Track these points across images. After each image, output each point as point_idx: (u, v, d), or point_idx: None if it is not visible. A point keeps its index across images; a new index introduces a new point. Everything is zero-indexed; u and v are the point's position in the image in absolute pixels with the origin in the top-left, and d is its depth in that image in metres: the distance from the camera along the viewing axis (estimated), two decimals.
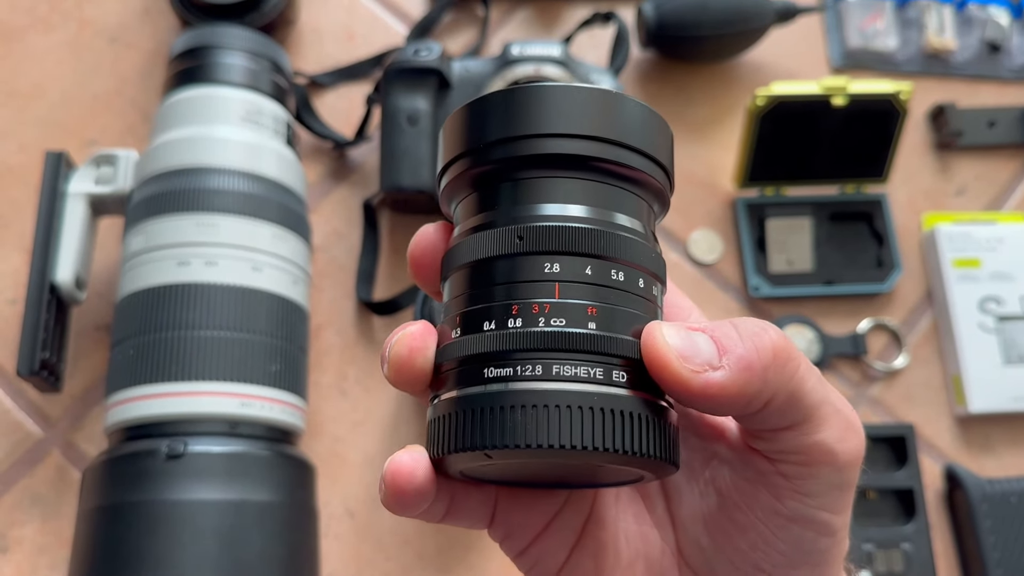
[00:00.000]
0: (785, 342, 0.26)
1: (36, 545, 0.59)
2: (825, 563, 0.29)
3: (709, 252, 0.69)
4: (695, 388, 0.24)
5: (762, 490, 0.28)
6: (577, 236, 0.26)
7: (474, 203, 0.28)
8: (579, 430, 0.24)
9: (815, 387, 0.26)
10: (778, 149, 0.68)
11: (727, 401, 0.25)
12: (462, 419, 0.25)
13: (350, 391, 0.64)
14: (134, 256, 0.55)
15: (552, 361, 0.25)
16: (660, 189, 0.28)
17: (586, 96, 0.27)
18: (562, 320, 0.25)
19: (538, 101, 0.27)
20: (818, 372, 0.27)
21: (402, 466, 0.26)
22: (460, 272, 0.27)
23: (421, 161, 0.63)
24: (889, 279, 0.69)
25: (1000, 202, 0.74)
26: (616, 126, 0.27)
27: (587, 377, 0.25)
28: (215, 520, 0.48)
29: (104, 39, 0.72)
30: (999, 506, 0.63)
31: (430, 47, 0.64)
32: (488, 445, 0.24)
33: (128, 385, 0.52)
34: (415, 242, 0.29)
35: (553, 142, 0.26)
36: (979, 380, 0.66)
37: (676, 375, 0.25)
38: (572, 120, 0.26)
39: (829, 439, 0.26)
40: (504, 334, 0.25)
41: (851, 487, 0.28)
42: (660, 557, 0.31)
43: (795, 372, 0.25)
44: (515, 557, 0.32)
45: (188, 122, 0.58)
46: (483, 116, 0.27)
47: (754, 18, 0.70)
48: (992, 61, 0.77)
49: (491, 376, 0.25)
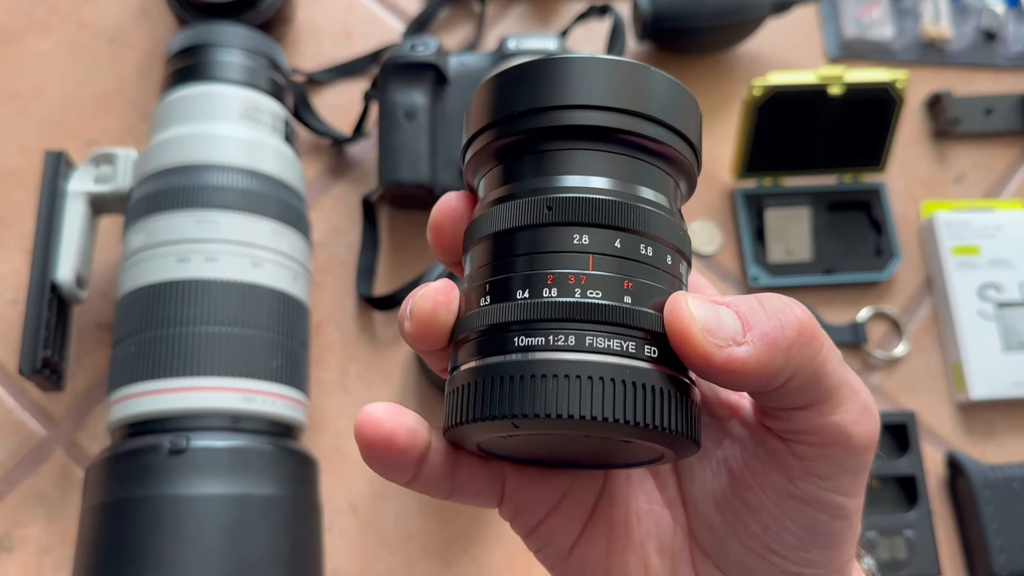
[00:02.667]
0: (810, 319, 0.25)
1: (41, 544, 0.59)
2: (838, 546, 0.28)
3: (708, 243, 0.70)
4: (717, 362, 0.24)
5: (775, 471, 0.28)
6: (606, 208, 0.25)
7: (499, 175, 0.28)
8: (611, 402, 0.24)
9: (836, 368, 0.26)
10: (776, 139, 0.68)
11: (749, 377, 0.24)
12: (489, 387, 0.25)
13: (352, 387, 0.64)
14: (134, 254, 0.55)
15: (586, 332, 0.24)
16: (687, 165, 0.28)
17: (614, 68, 0.26)
18: (598, 292, 0.25)
19: (564, 72, 0.26)
20: (839, 353, 0.26)
21: (369, 416, 0.26)
22: (486, 242, 0.27)
23: (419, 156, 0.63)
24: (888, 268, 0.69)
25: (998, 189, 0.74)
26: (644, 99, 0.26)
27: (620, 350, 0.24)
28: (218, 515, 0.48)
29: (102, 40, 0.72)
30: (1001, 492, 0.63)
31: (427, 42, 0.64)
32: (518, 414, 0.24)
33: (130, 382, 0.52)
34: (437, 209, 0.29)
35: (579, 113, 0.26)
36: (979, 367, 0.66)
37: (699, 348, 0.24)
38: (598, 91, 0.26)
39: (844, 421, 0.26)
40: (539, 303, 0.25)
41: (865, 471, 0.27)
42: (672, 537, 0.31)
43: (819, 351, 0.25)
44: (526, 536, 0.31)
45: (186, 120, 0.58)
46: (509, 87, 0.27)
47: (750, 9, 0.70)
48: (988, 49, 0.77)
49: (521, 344, 0.25)
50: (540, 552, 0.32)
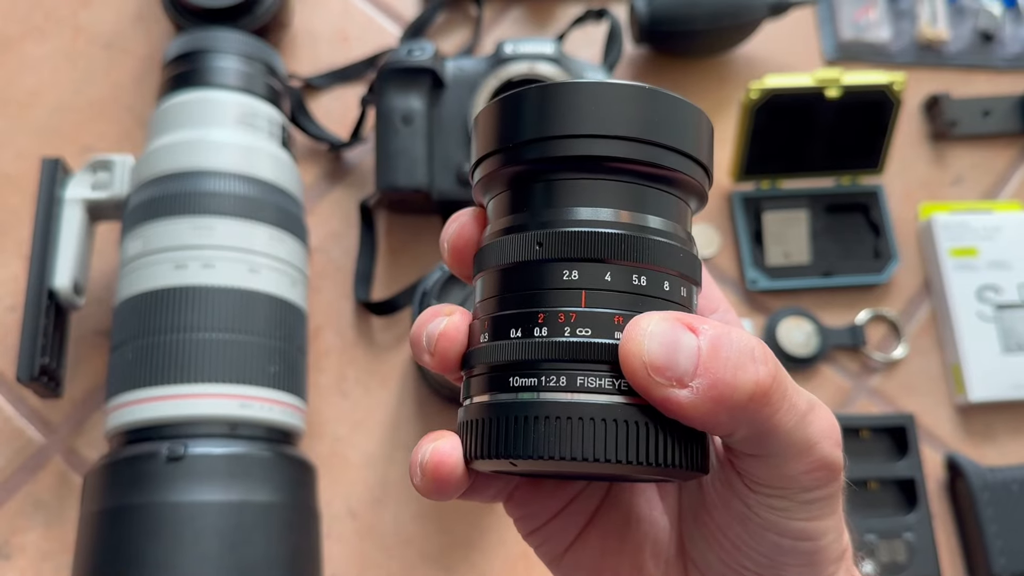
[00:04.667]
0: (771, 382, 0.24)
1: (39, 551, 0.59)
2: (814, 564, 0.28)
3: (706, 246, 0.69)
4: (655, 398, 0.24)
5: (733, 497, 0.27)
6: (594, 241, 0.25)
7: (506, 202, 0.28)
8: (603, 442, 0.24)
9: (789, 426, 0.25)
10: (773, 142, 0.68)
11: (686, 420, 0.24)
12: (489, 427, 0.25)
13: (350, 391, 0.64)
14: (131, 260, 0.55)
15: (577, 372, 0.24)
16: (698, 187, 0.27)
17: (622, 94, 0.26)
18: (588, 330, 0.25)
19: (572, 99, 0.26)
20: (803, 406, 0.25)
21: (446, 456, 0.26)
22: (488, 274, 0.27)
23: (416, 160, 0.63)
24: (886, 270, 0.69)
25: (996, 191, 0.74)
26: (652, 126, 0.26)
27: (611, 389, 0.24)
28: (217, 521, 0.48)
29: (98, 46, 0.72)
30: (1001, 494, 0.63)
31: (423, 47, 0.64)
32: (513, 454, 0.25)
33: (128, 389, 0.52)
34: (450, 231, 0.29)
35: (587, 144, 0.25)
36: (978, 369, 0.66)
37: (639, 381, 0.24)
38: (608, 120, 0.25)
39: (795, 471, 0.25)
40: (530, 343, 0.25)
41: (828, 500, 0.26)
42: (667, 544, 0.31)
43: (772, 415, 0.24)
44: (526, 535, 0.32)
45: (183, 126, 0.58)
46: (517, 112, 0.27)
47: (746, 12, 0.70)
48: (985, 51, 0.77)
49: (515, 385, 0.25)
50: (538, 549, 0.32)
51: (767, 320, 0.68)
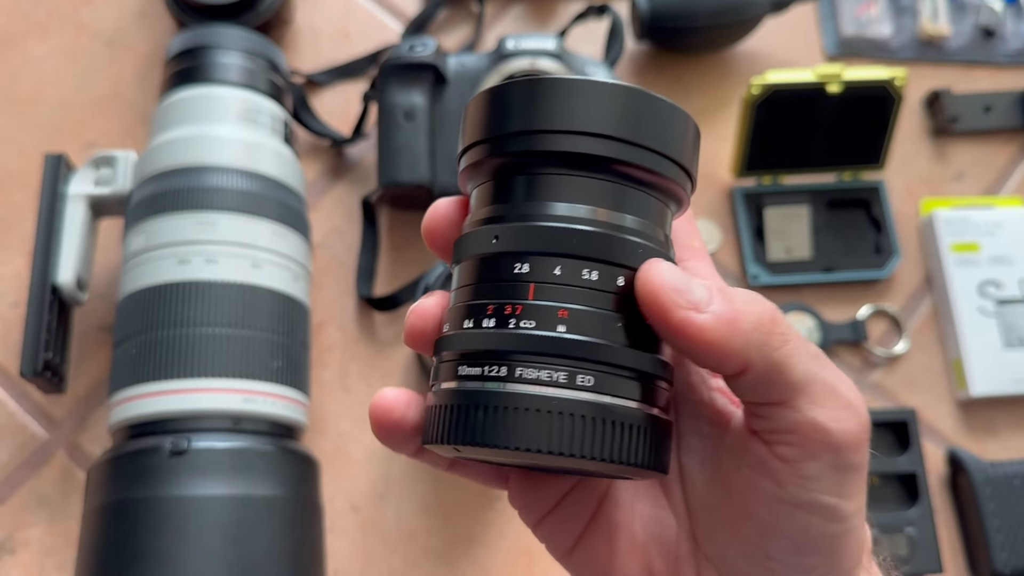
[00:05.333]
0: (774, 314, 0.26)
1: (43, 546, 0.59)
2: (836, 551, 0.28)
3: (708, 242, 0.70)
4: (674, 321, 0.25)
5: (763, 477, 0.28)
6: (547, 235, 0.25)
7: (486, 193, 0.28)
8: (530, 432, 0.24)
9: (804, 363, 0.26)
10: (774, 138, 0.68)
11: (703, 348, 0.25)
12: (437, 413, 0.26)
13: (353, 387, 0.64)
14: (134, 256, 0.55)
15: (516, 364, 0.25)
16: (680, 192, 0.28)
17: (608, 92, 0.26)
18: (532, 323, 0.25)
19: (558, 95, 0.26)
20: (816, 352, 0.26)
21: (385, 406, 0.29)
22: (457, 267, 0.28)
23: (418, 156, 0.63)
24: (888, 265, 0.69)
25: (998, 186, 0.74)
26: (635, 126, 0.26)
27: (549, 380, 0.25)
28: (220, 515, 0.48)
29: (101, 42, 0.72)
30: (1002, 489, 0.63)
31: (425, 43, 0.64)
32: (452, 440, 0.25)
33: (131, 384, 0.52)
34: (428, 216, 0.30)
35: (570, 140, 0.26)
36: (980, 364, 0.66)
37: (662, 302, 0.25)
38: (592, 118, 0.26)
39: (822, 417, 0.26)
40: (476, 334, 0.26)
41: (856, 470, 0.27)
42: (676, 542, 0.31)
43: (780, 344, 0.25)
44: (533, 529, 0.32)
45: (186, 122, 0.58)
46: (503, 105, 0.27)
47: (748, 8, 0.70)
48: (986, 46, 0.77)
49: (461, 374, 0.26)
50: (547, 545, 0.32)
51: None
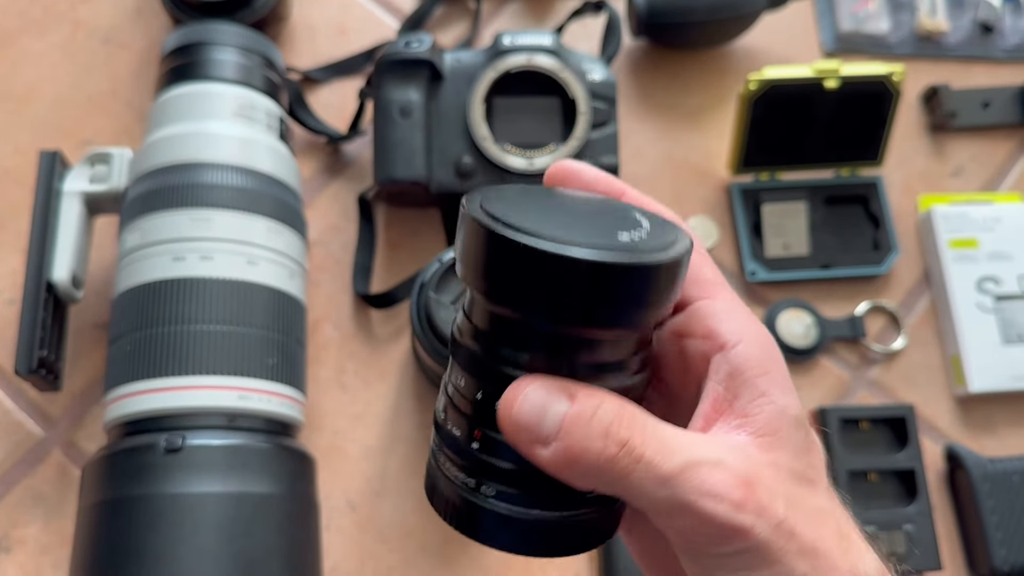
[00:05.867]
0: (616, 452, 0.25)
1: (39, 545, 0.59)
2: None
3: (705, 238, 0.69)
4: (522, 452, 0.26)
5: (662, 540, 0.29)
6: None
7: (480, 311, 0.28)
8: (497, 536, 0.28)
9: (653, 489, 0.25)
10: (772, 134, 0.68)
11: (555, 473, 0.26)
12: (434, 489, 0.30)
13: (349, 384, 0.64)
14: (130, 253, 0.55)
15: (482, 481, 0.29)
16: (648, 332, 0.29)
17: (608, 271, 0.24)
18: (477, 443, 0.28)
19: (552, 271, 0.24)
20: (670, 469, 0.25)
21: None
22: None
23: (415, 153, 0.63)
24: (886, 261, 0.69)
25: (996, 182, 0.74)
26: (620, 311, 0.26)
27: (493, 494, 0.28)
28: (215, 513, 0.48)
29: (97, 40, 0.72)
30: (1001, 485, 0.63)
31: (421, 39, 0.64)
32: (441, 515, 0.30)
33: (126, 381, 0.52)
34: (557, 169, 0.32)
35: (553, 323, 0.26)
36: (978, 360, 0.66)
37: (509, 437, 0.26)
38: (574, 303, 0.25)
39: (683, 526, 0.26)
40: (465, 451, 0.28)
41: (744, 555, 0.26)
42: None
43: (621, 479, 0.25)
44: None
45: (181, 118, 0.58)
46: (503, 264, 0.25)
47: (745, 4, 0.70)
48: (985, 42, 0.77)
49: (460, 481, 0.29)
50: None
51: (766, 312, 0.67)
